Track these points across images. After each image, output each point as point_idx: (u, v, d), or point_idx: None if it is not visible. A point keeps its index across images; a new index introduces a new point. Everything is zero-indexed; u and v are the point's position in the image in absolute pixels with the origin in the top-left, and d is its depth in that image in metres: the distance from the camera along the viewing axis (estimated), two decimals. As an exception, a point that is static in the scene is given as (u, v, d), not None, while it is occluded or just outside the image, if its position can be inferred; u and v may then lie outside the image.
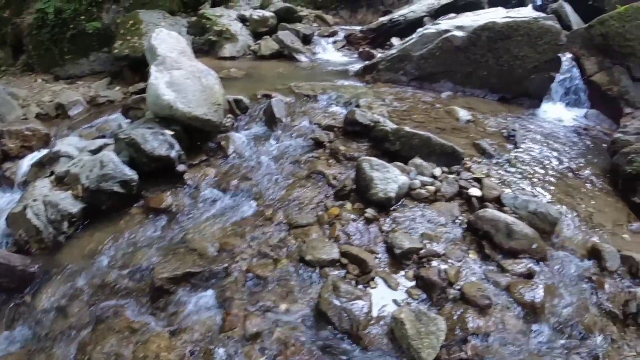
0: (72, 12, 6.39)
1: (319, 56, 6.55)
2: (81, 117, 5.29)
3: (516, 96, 5.44)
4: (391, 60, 5.25)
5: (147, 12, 6.62)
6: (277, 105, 4.11)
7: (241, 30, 6.91)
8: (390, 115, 4.04)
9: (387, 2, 9.31)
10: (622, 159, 3.88)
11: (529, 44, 5.26)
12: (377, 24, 6.92)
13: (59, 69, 6.61)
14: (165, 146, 3.51)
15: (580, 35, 6.08)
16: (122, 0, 6.75)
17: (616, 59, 5.84)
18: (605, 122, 5.83)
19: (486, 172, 3.35)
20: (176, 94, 3.77)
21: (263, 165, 3.57)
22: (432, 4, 6.89)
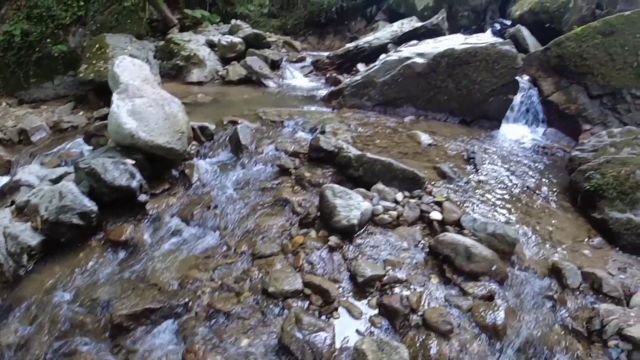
0: (38, 34, 6.31)
1: (287, 81, 6.65)
2: (44, 143, 5.14)
3: (476, 119, 5.67)
4: (356, 87, 5.39)
5: (113, 36, 6.56)
6: (243, 132, 4.11)
7: (209, 56, 6.94)
8: (355, 141, 4.12)
9: (354, 28, 9.67)
10: (580, 176, 4.04)
11: (487, 69, 5.51)
12: (344, 50, 7.13)
13: (24, 92, 6.45)
14: (126, 176, 3.43)
15: (537, 58, 6.37)
16: (89, 23, 6.71)
17: (573, 78, 6.12)
18: (564, 139, 6.11)
19: (447, 195, 3.44)
20: (138, 122, 3.70)
21: (227, 193, 3.53)
22: (395, 32, 7.18)
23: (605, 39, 5.94)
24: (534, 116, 6.59)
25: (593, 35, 5.96)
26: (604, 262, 3.29)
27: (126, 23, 6.99)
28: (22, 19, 6.27)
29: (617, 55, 5.90)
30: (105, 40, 6.38)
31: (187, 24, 8.24)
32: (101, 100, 6.21)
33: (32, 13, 6.29)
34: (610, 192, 3.76)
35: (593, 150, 4.33)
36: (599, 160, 4.03)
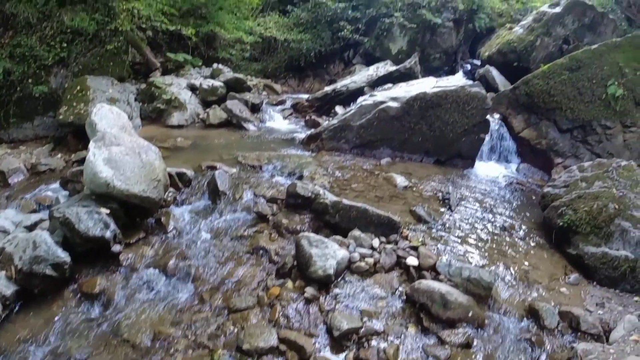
0: (20, 74, 6.23)
1: (267, 124, 6.77)
2: (21, 185, 5.06)
3: (450, 158, 5.85)
4: (333, 130, 5.55)
5: (95, 79, 6.58)
6: (221, 178, 4.13)
7: (190, 99, 7.04)
8: (332, 185, 4.19)
9: (332, 71, 10.05)
10: (553, 213, 4.12)
11: (458, 110, 5.75)
12: (322, 94, 7.37)
13: (3, 132, 6.29)
14: (100, 226, 3.38)
15: (506, 97, 6.72)
16: (71, 65, 6.68)
17: (542, 114, 6.41)
18: (537, 174, 6.37)
19: (422, 239, 3.49)
20: (114, 171, 3.69)
21: (204, 242, 3.49)
22: (371, 75, 7.50)
23: (572, 74, 6.29)
24: (506, 153, 6.82)
25: (560, 72, 6.31)
26: (581, 298, 3.34)
27: (109, 65, 7.02)
28: (4, 57, 6.23)
29: (584, 89, 6.23)
30: (86, 82, 6.39)
31: (170, 67, 8.38)
32: (80, 142, 6.15)
33: (14, 52, 6.26)
34: (583, 227, 3.84)
35: (565, 186, 4.42)
36: (570, 196, 4.13)
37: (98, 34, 6.77)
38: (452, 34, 11.16)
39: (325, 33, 9.83)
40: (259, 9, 10.03)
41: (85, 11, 6.73)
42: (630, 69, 6.26)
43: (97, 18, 6.75)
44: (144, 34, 8.08)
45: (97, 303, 2.97)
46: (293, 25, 9.91)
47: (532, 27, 9.43)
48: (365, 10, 10.18)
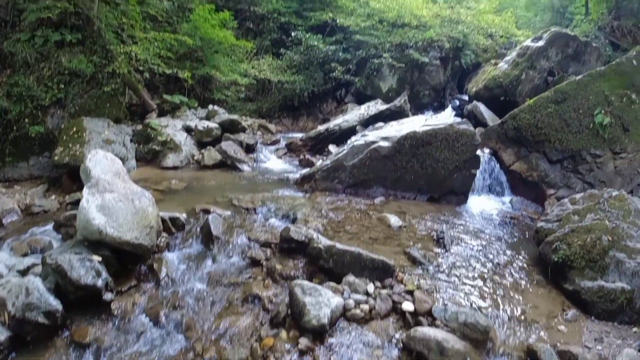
0: (17, 113, 6.28)
1: (262, 164, 6.85)
2: (15, 226, 5.02)
3: (443, 195, 5.90)
4: (327, 171, 5.62)
5: (91, 120, 6.64)
6: (215, 222, 4.12)
7: (186, 141, 7.14)
8: (326, 228, 4.19)
9: (325, 110, 10.32)
10: (547, 248, 4.10)
11: (448, 148, 5.85)
12: (316, 133, 7.53)
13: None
14: (92, 274, 3.35)
15: (495, 131, 6.87)
16: (68, 106, 6.76)
17: (531, 147, 6.52)
18: (530, 206, 6.39)
19: (418, 283, 3.46)
20: (107, 218, 3.69)
21: (196, 290, 3.44)
22: (362, 114, 7.71)
23: (559, 106, 6.47)
24: (498, 186, 6.88)
25: (546, 105, 6.49)
26: (580, 335, 3.30)
27: (105, 107, 7.13)
28: (1, 96, 6.30)
29: (572, 119, 6.40)
30: (83, 123, 6.45)
31: (166, 108, 8.54)
32: (75, 183, 6.14)
33: (12, 91, 6.33)
34: (578, 261, 3.83)
35: (557, 220, 4.41)
36: (564, 230, 4.12)
37: (96, 75, 6.92)
38: (440, 71, 11.59)
39: (318, 74, 10.18)
40: (253, 52, 10.42)
41: (83, 53, 6.90)
42: (616, 97, 6.46)
43: (95, 60, 6.93)
44: (141, 75, 8.29)
45: (88, 352, 2.92)
46: (286, 67, 10.27)
47: (517, 61, 9.79)
48: (355, 52, 10.62)
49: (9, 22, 6.73)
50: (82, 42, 6.96)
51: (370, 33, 10.72)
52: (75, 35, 6.82)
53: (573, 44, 9.58)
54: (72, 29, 6.85)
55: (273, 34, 10.96)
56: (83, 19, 6.96)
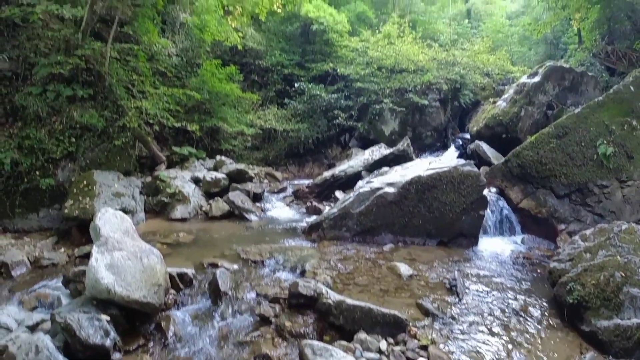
0: (28, 166, 6.36)
1: (269, 213, 6.87)
2: (23, 279, 5.00)
3: (453, 238, 5.82)
4: (334, 219, 5.61)
5: (102, 173, 6.73)
6: (223, 277, 4.08)
7: (194, 192, 7.24)
8: (335, 280, 4.12)
9: (330, 155, 10.51)
10: (562, 290, 3.99)
11: (454, 190, 5.84)
12: (322, 180, 7.61)
13: (8, 221, 6.31)
14: (100, 333, 3.32)
15: (499, 170, 6.86)
16: (79, 159, 6.86)
17: (537, 183, 6.52)
18: (543, 243, 6.25)
19: (431, 337, 3.34)
20: (115, 276, 3.69)
21: (204, 350, 3.34)
22: (367, 159, 7.82)
23: (561, 140, 6.49)
24: (509, 225, 6.76)
25: (548, 141, 6.51)
26: (597, 378, 3.12)
27: (115, 160, 7.29)
28: (13, 148, 6.39)
29: (575, 153, 6.41)
30: (93, 177, 6.53)
31: (175, 159, 8.76)
32: (84, 236, 6.12)
33: (23, 144, 6.42)
34: (593, 301, 3.72)
35: (570, 259, 4.34)
36: (577, 270, 4.04)
37: (106, 129, 7.11)
38: (440, 112, 11.86)
39: (321, 121, 10.49)
40: (258, 103, 10.82)
41: (95, 108, 7.12)
42: (617, 125, 6.46)
43: (106, 115, 7.15)
44: (150, 128, 8.56)
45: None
46: (291, 116, 10.62)
47: (515, 98, 9.99)
48: (356, 99, 10.99)
49: (20, 75, 6.95)
50: (93, 97, 7.19)
51: (370, 80, 11.13)
52: (86, 91, 7.06)
53: (569, 76, 9.78)
54: (83, 85, 7.10)
55: (277, 85, 11.44)
56: (94, 74, 7.26)
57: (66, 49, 6.99)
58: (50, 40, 7.11)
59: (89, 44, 7.21)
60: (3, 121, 6.76)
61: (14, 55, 6.94)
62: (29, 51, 6.96)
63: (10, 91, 6.76)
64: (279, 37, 11.90)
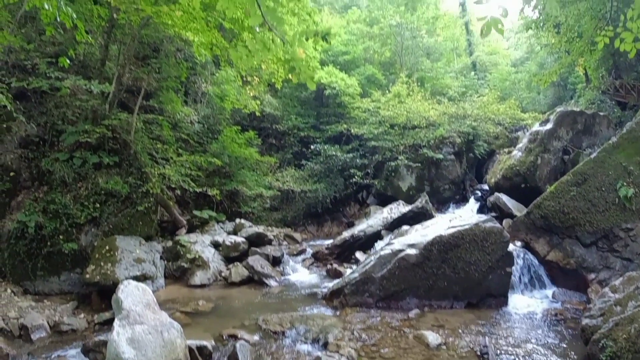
0: (52, 230, 6.43)
1: (289, 277, 6.75)
2: (43, 343, 4.95)
3: (481, 299, 5.56)
4: (355, 284, 5.46)
5: (124, 239, 6.78)
6: (242, 351, 3.96)
7: (213, 257, 7.25)
8: (359, 353, 3.92)
9: (349, 213, 10.51)
10: (595, 348, 3.84)
11: (478, 248, 5.67)
12: (341, 240, 7.54)
13: (30, 283, 6.34)
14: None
15: (522, 223, 6.71)
16: (103, 224, 6.94)
17: (562, 233, 6.33)
18: (574, 296, 6.00)
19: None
20: (136, 351, 3.66)
21: None
22: (385, 217, 7.76)
23: (581, 188, 6.40)
24: (538, 280, 6.45)
25: (567, 189, 6.43)
26: None
27: (138, 225, 7.36)
28: (38, 211, 6.51)
29: (596, 199, 6.28)
30: (115, 242, 6.59)
31: (195, 223, 8.89)
32: (104, 302, 6.06)
33: (48, 207, 6.54)
34: (625, 356, 3.58)
35: (601, 315, 4.23)
36: (608, 325, 3.91)
37: (130, 195, 7.29)
38: (456, 165, 11.88)
39: (338, 180, 10.64)
40: (276, 166, 11.14)
41: (120, 175, 7.35)
42: (635, 165, 6.35)
43: (130, 181, 7.37)
44: (172, 193, 8.80)
45: None
46: (308, 177, 10.83)
47: (529, 147, 9.94)
48: (371, 157, 11.20)
49: (47, 141, 7.26)
50: (118, 164, 7.46)
51: (384, 138, 11.40)
52: (112, 158, 7.35)
53: (581, 119, 9.76)
54: (109, 152, 7.41)
55: (294, 147, 11.83)
56: (120, 142, 7.59)
57: (94, 118, 7.37)
58: (77, 109, 7.48)
59: (116, 114, 7.63)
60: (29, 185, 7.04)
61: (41, 121, 7.32)
62: (56, 118, 7.35)
63: (37, 156, 7.06)
64: (295, 102, 12.53)
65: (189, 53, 9.84)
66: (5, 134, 6.99)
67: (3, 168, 6.79)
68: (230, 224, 8.66)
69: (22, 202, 6.79)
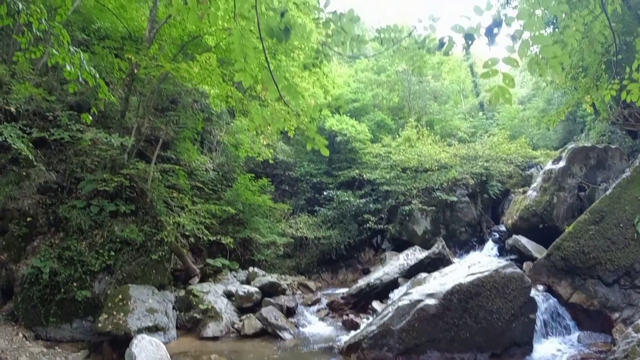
0: (66, 277, 6.43)
1: (304, 329, 6.52)
2: None
3: (505, 348, 5.31)
4: (373, 338, 5.25)
5: (137, 288, 6.74)
6: (258, 413, 3.76)
7: (226, 307, 7.10)
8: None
9: (363, 259, 10.30)
10: None
11: (499, 296, 5.48)
12: (357, 289, 7.33)
13: (42, 328, 6.26)
14: None
15: (543, 265, 6.59)
16: (116, 272, 6.94)
17: (584, 274, 6.23)
18: (599, 337, 5.81)
19: None
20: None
21: None
22: (402, 264, 7.57)
23: (599, 226, 6.34)
24: (562, 325, 6.23)
25: (586, 228, 6.37)
26: None
27: (151, 273, 7.33)
28: (53, 257, 6.52)
29: (615, 236, 6.19)
30: (128, 291, 6.55)
31: (208, 271, 8.80)
32: (115, 351, 5.88)
33: (63, 254, 6.55)
34: None
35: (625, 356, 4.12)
36: None
37: (145, 243, 7.31)
38: (471, 206, 11.69)
39: (352, 226, 10.54)
40: (289, 212, 11.16)
41: (135, 223, 7.41)
42: None
43: (146, 230, 7.41)
44: (186, 240, 8.80)
45: None
46: (321, 223, 10.78)
47: (544, 187, 9.80)
48: (384, 202, 11.13)
49: (65, 188, 7.40)
50: (134, 212, 7.55)
51: (396, 182, 11.40)
52: (129, 207, 7.45)
53: (593, 154, 9.67)
54: (126, 200, 7.52)
55: (307, 194, 11.90)
56: (137, 191, 7.73)
57: (112, 167, 7.57)
58: (97, 158, 7.72)
59: (134, 163, 7.85)
60: (45, 231, 7.13)
61: (60, 169, 7.52)
62: (75, 166, 7.57)
63: (55, 202, 7.19)
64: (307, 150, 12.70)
65: (205, 104, 10.30)
66: (25, 180, 7.22)
67: (20, 213, 6.95)
68: (244, 272, 8.55)
69: (38, 248, 6.84)
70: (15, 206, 6.89)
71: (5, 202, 6.84)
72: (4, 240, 6.82)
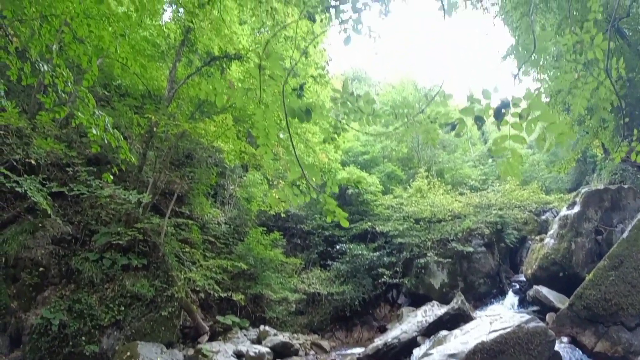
0: (75, 330, 6.34)
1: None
2: None
3: (537, 414, 4.93)
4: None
5: (145, 345, 6.53)
6: None
7: (236, 373, 6.76)
8: None
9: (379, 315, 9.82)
10: None
11: (523, 352, 5.27)
12: (374, 349, 6.95)
13: None
14: None
15: (566, 317, 6.53)
16: (125, 327, 6.84)
17: (607, 321, 6.18)
18: None
19: None
20: None
21: None
22: (420, 322, 7.22)
23: (619, 271, 6.32)
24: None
25: (606, 275, 6.35)
26: None
27: (160, 330, 7.18)
28: (62, 309, 6.46)
29: (635, 279, 6.18)
30: (136, 348, 6.35)
31: (218, 329, 8.51)
32: None
33: (74, 307, 6.50)
34: None
35: None
36: None
37: (155, 299, 7.21)
38: (488, 256, 11.31)
39: (366, 280, 10.20)
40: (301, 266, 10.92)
41: (147, 277, 7.35)
42: None
43: (156, 284, 7.33)
44: (196, 296, 8.62)
45: None
46: (334, 277, 10.47)
47: (561, 234, 9.57)
48: (399, 254, 10.84)
49: (79, 240, 7.41)
50: (146, 266, 7.51)
51: (410, 234, 11.18)
52: (141, 260, 7.41)
53: (607, 196, 9.49)
54: (139, 254, 7.50)
55: (319, 247, 11.71)
56: (150, 245, 7.73)
57: (127, 221, 7.64)
58: (112, 211, 7.80)
59: (149, 217, 7.94)
60: (57, 281, 7.11)
61: (75, 220, 7.59)
62: (90, 218, 7.64)
63: (68, 254, 7.20)
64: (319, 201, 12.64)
65: (219, 159, 10.60)
66: (39, 230, 7.32)
67: (33, 262, 7.00)
68: (254, 330, 8.22)
69: (49, 298, 6.84)
70: (29, 255, 6.98)
71: (18, 251, 6.93)
72: (15, 288, 6.84)
